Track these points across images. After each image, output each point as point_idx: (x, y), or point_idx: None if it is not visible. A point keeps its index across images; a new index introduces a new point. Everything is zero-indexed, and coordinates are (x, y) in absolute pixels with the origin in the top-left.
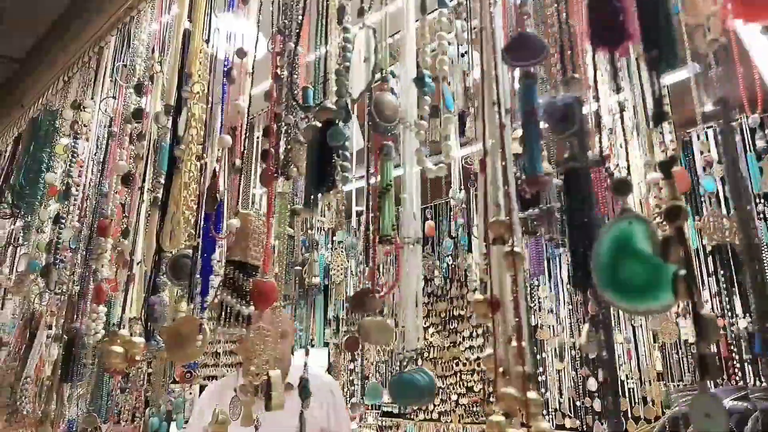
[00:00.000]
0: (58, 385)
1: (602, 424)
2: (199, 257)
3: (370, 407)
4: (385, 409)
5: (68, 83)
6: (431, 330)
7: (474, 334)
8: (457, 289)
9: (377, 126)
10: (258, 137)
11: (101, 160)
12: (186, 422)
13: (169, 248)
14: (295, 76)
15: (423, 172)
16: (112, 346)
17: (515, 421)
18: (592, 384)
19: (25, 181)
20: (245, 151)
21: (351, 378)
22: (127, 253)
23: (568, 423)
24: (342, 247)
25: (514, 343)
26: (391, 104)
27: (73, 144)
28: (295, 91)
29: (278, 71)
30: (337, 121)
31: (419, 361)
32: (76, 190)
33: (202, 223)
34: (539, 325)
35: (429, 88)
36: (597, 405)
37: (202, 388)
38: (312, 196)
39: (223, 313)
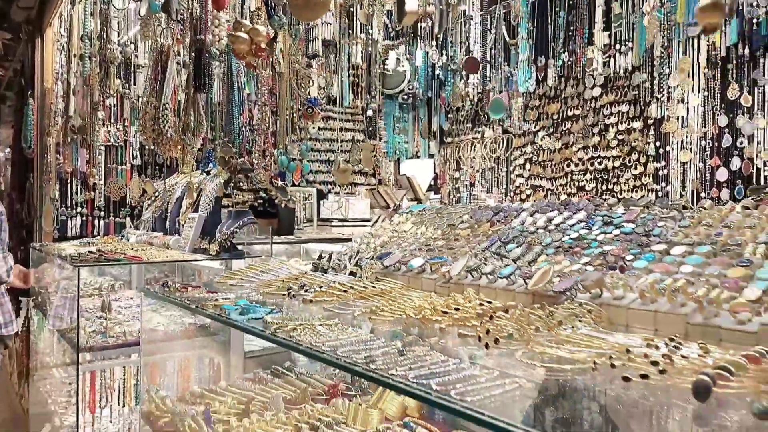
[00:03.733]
0: (194, 96)
1: None
2: None
3: None
4: None
5: None
6: (542, 134)
7: (590, 133)
8: (573, 88)
9: None
10: None
11: None
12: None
13: None
14: None
15: None
16: (238, 32)
17: None
18: (721, 174)
19: None
20: None
21: (456, 186)
22: None
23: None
24: None
25: None
26: None
27: None
28: None
29: None
30: None
31: (527, 165)
32: None
33: None
34: (666, 117)
35: None
36: (725, 195)
37: None
38: None
39: None
